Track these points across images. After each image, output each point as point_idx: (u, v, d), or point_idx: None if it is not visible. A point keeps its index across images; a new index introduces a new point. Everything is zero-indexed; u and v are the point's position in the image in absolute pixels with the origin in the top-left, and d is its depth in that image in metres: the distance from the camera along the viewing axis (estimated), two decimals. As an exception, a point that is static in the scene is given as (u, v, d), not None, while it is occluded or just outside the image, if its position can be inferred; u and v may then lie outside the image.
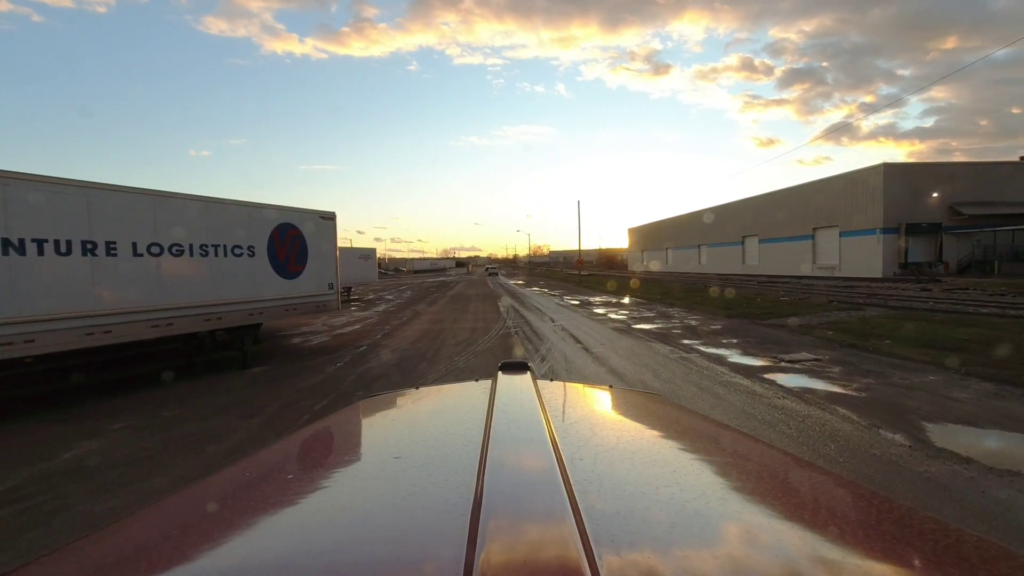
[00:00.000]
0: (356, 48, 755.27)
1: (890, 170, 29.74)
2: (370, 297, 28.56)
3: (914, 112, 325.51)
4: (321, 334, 13.08)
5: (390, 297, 28.39)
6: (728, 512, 0.72)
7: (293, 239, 9.84)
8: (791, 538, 0.64)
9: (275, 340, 12.18)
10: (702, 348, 9.43)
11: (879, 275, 29.09)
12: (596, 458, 0.85)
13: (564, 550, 0.51)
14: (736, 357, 8.52)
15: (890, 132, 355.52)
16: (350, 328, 14.20)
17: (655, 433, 1.17)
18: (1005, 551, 0.61)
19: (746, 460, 1.01)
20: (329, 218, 11.04)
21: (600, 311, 16.87)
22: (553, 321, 14.46)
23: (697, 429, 1.24)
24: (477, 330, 13.01)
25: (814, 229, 35.41)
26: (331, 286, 10.92)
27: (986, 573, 0.58)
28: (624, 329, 12.34)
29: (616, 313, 16.15)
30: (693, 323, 13.25)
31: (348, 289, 27.15)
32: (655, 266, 63.81)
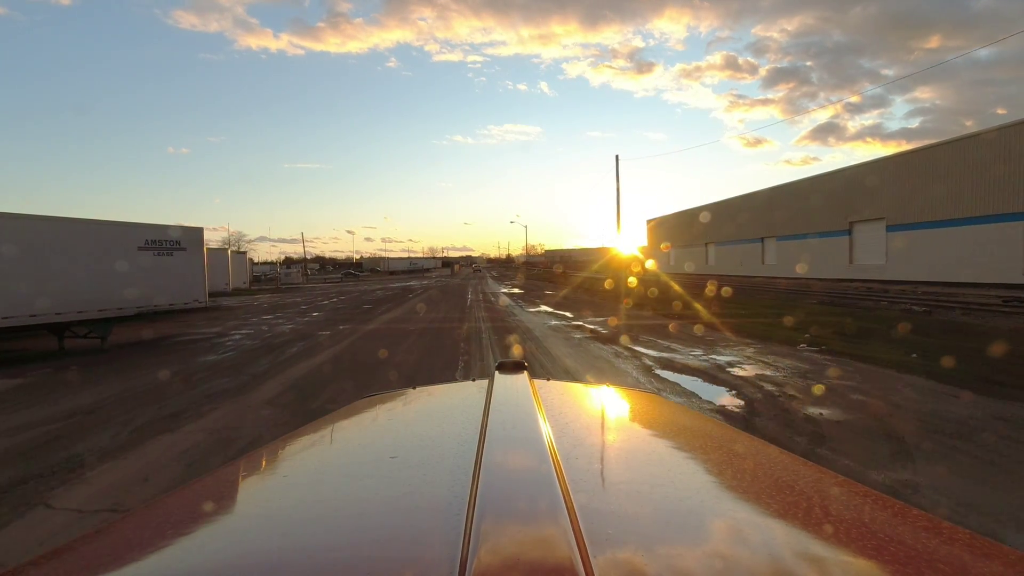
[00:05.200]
0: (333, 44, 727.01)
1: None
2: (201, 334, 13.38)
3: (900, 112, 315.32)
4: None
5: (238, 336, 13.20)
6: (724, 511, 0.72)
7: None
8: (787, 537, 0.64)
9: None
10: None
11: None
12: (592, 458, 0.87)
13: (559, 550, 0.50)
14: None
15: (876, 132, 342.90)
16: None
17: (651, 432, 1.17)
18: (998, 548, 0.60)
19: (742, 459, 0.98)
20: None
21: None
22: None
23: (693, 428, 1.20)
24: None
25: (1029, 203, 20.51)
26: None
27: (979, 571, 0.56)
28: None
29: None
30: None
31: (102, 324, 11.73)
32: (689, 267, 48.83)
